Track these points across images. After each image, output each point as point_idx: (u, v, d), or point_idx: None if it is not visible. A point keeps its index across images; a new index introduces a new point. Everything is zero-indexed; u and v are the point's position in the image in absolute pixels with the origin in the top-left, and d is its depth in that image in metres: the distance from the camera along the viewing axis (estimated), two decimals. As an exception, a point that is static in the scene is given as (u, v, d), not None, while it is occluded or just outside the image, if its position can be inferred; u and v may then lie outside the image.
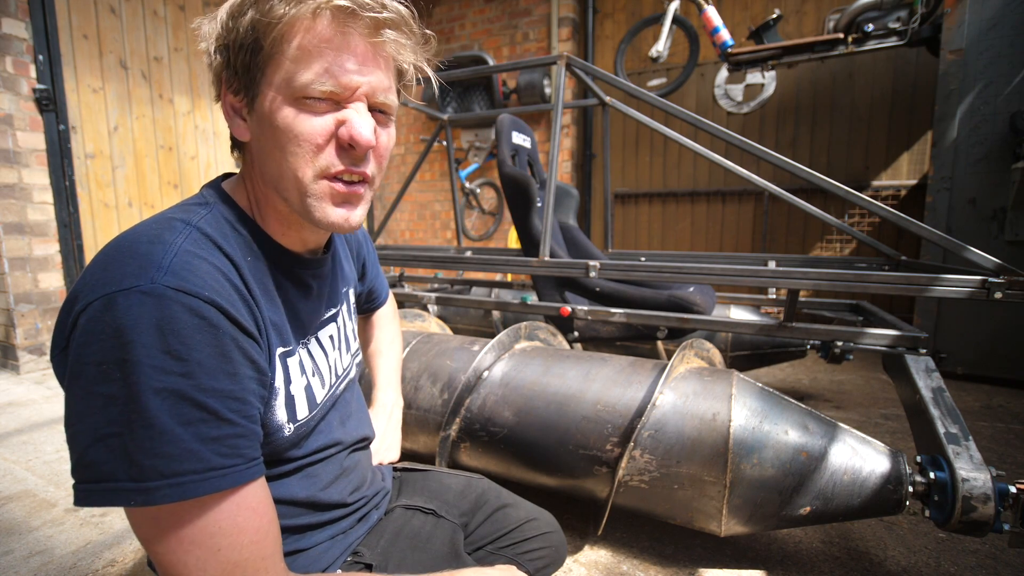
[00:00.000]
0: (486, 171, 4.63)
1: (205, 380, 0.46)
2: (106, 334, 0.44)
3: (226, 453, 0.46)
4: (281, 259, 0.61)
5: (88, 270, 0.48)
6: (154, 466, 0.43)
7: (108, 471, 0.43)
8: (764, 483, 1.05)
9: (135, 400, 0.43)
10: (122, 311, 0.44)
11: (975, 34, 2.42)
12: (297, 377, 0.61)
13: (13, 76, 2.70)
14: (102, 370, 0.44)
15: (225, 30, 0.53)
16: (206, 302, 0.47)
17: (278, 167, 0.54)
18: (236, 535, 0.46)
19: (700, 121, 1.60)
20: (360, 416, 0.79)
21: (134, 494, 0.43)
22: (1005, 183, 2.39)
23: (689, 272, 1.46)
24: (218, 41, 0.53)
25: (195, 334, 0.46)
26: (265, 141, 0.54)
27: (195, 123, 3.66)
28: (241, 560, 0.46)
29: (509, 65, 1.85)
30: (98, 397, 0.44)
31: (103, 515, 1.48)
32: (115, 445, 0.43)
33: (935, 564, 1.25)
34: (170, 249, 0.48)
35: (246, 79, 0.53)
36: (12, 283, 2.74)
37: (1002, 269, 1.20)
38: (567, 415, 1.20)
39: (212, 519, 0.45)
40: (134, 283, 0.45)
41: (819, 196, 3.51)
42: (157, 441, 0.43)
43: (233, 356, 0.49)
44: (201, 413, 0.45)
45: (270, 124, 0.53)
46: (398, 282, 2.72)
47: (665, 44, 3.19)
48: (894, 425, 2.09)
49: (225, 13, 0.53)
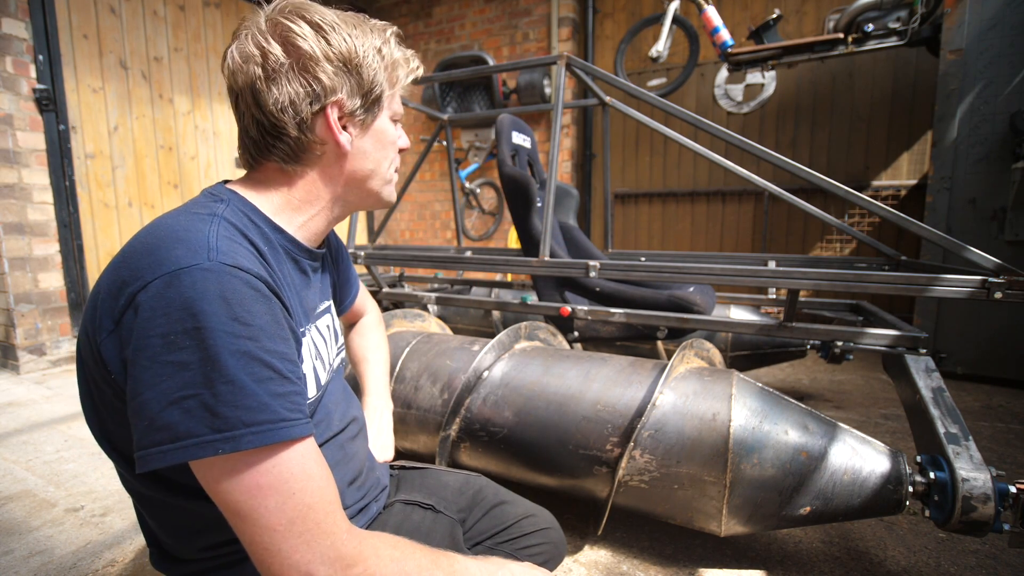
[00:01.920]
0: (486, 171, 4.63)
1: (268, 343, 0.51)
2: (173, 308, 0.48)
3: (291, 408, 0.52)
4: (291, 248, 0.66)
5: (128, 259, 0.52)
6: (238, 416, 0.48)
7: (186, 430, 0.47)
8: (764, 483, 1.05)
9: (214, 361, 0.48)
10: (187, 286, 0.48)
11: (975, 34, 2.42)
12: (307, 358, 0.66)
13: (13, 76, 2.70)
14: (169, 340, 0.48)
15: (351, 64, 0.64)
16: (256, 277, 0.53)
17: (378, 166, 0.71)
18: (307, 480, 0.51)
19: (700, 121, 1.60)
20: (349, 400, 0.82)
21: (221, 443, 0.47)
22: (1005, 183, 2.39)
23: (689, 272, 1.46)
24: (336, 64, 0.63)
25: (254, 303, 0.51)
26: (374, 149, 0.70)
27: (195, 123, 3.66)
28: (313, 503, 0.51)
29: (509, 65, 1.85)
30: (167, 365, 0.48)
31: (103, 515, 1.48)
32: (192, 406, 0.47)
33: (935, 564, 1.25)
34: (211, 234, 0.53)
35: (370, 103, 0.67)
36: (12, 283, 2.74)
37: (1002, 269, 1.20)
38: (567, 415, 1.20)
39: (286, 466, 0.50)
40: (192, 261, 0.50)
41: (819, 196, 3.51)
42: (239, 395, 0.48)
43: (282, 323, 0.55)
44: (268, 372, 0.51)
45: (383, 137, 0.71)
46: (398, 282, 2.72)
47: (665, 44, 3.19)
48: (894, 425, 2.09)
49: (347, 44, 0.64)
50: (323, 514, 0.51)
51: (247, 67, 0.61)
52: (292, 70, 0.61)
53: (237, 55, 0.62)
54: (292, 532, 0.49)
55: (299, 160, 0.65)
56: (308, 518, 0.50)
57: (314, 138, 0.64)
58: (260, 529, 0.49)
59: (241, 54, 0.61)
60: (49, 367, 2.92)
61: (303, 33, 0.61)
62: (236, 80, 0.62)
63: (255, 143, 0.65)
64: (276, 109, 0.61)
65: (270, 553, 0.49)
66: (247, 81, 0.61)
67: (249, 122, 0.63)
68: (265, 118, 0.62)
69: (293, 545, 0.49)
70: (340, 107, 0.65)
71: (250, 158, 0.66)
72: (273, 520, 0.49)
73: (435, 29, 4.74)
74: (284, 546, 0.49)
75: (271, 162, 0.65)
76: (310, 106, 0.63)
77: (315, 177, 0.67)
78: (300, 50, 0.61)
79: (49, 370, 2.90)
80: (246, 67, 0.61)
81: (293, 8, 0.63)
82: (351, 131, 0.67)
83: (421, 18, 4.80)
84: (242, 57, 0.61)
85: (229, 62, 0.62)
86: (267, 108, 0.61)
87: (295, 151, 0.65)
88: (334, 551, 0.51)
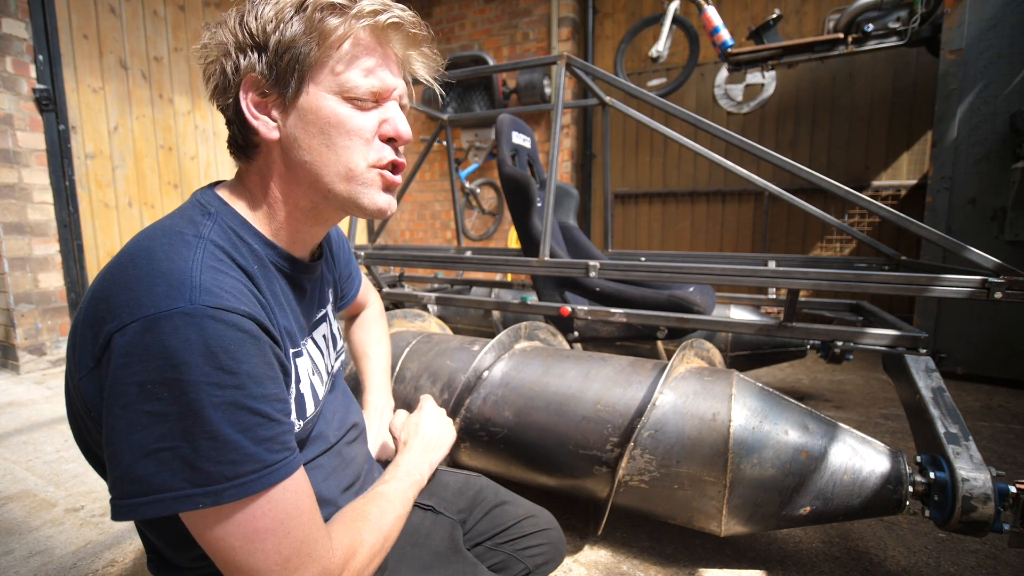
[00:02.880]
0: (486, 171, 4.63)
1: (255, 388, 0.49)
2: (151, 355, 0.45)
3: (277, 449, 0.50)
4: (283, 264, 0.62)
5: (107, 290, 0.49)
6: (219, 471, 0.46)
7: (161, 483, 0.45)
8: (764, 483, 1.05)
9: (195, 415, 0.45)
10: (167, 333, 0.45)
11: (975, 34, 2.42)
12: (304, 376, 0.64)
13: (13, 76, 2.70)
14: (146, 390, 0.45)
15: (261, 35, 0.55)
16: (244, 316, 0.49)
17: (321, 160, 0.57)
18: (299, 516, 0.51)
19: (700, 121, 1.60)
20: (348, 405, 0.81)
21: (200, 498, 0.46)
22: (1005, 183, 2.39)
23: (689, 272, 1.46)
24: (245, 43, 0.55)
25: (240, 348, 0.48)
26: (306, 136, 0.57)
27: (195, 123, 3.66)
28: (307, 536, 0.51)
29: (509, 65, 1.85)
30: (142, 415, 0.45)
31: (103, 515, 1.48)
32: (167, 458, 0.45)
33: (935, 564, 1.25)
34: (193, 266, 0.49)
35: (284, 79, 0.55)
36: (12, 283, 2.74)
37: (1002, 269, 1.20)
38: (567, 415, 1.20)
39: (279, 507, 0.49)
40: (173, 305, 0.46)
41: (819, 196, 3.51)
42: (221, 450, 0.46)
43: (272, 362, 0.52)
44: (256, 418, 0.48)
45: (316, 119, 0.56)
46: (398, 282, 2.72)
47: (665, 44, 3.19)
48: (894, 425, 2.09)
49: (259, 20, 0.55)
50: (313, 543, 0.51)
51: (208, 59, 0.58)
52: (218, 57, 0.56)
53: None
54: (287, 569, 0.49)
55: (249, 156, 0.60)
56: (302, 552, 0.50)
57: (247, 129, 0.58)
58: (256, 573, 0.48)
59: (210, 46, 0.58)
60: (49, 367, 2.92)
61: (228, 16, 0.56)
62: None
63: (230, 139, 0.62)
64: (217, 87, 0.58)
65: None
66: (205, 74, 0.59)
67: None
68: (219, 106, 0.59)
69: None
70: (254, 85, 0.56)
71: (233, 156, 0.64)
72: (270, 562, 0.48)
73: (435, 29, 4.74)
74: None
75: (238, 161, 0.63)
76: (226, 91, 0.57)
77: (267, 176, 0.60)
78: (220, 34, 0.56)
79: (49, 370, 2.90)
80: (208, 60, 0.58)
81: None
82: (273, 114, 0.57)
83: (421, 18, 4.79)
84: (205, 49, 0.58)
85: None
86: (213, 89, 0.58)
87: (242, 146, 0.60)
88: (325, 572, 0.51)
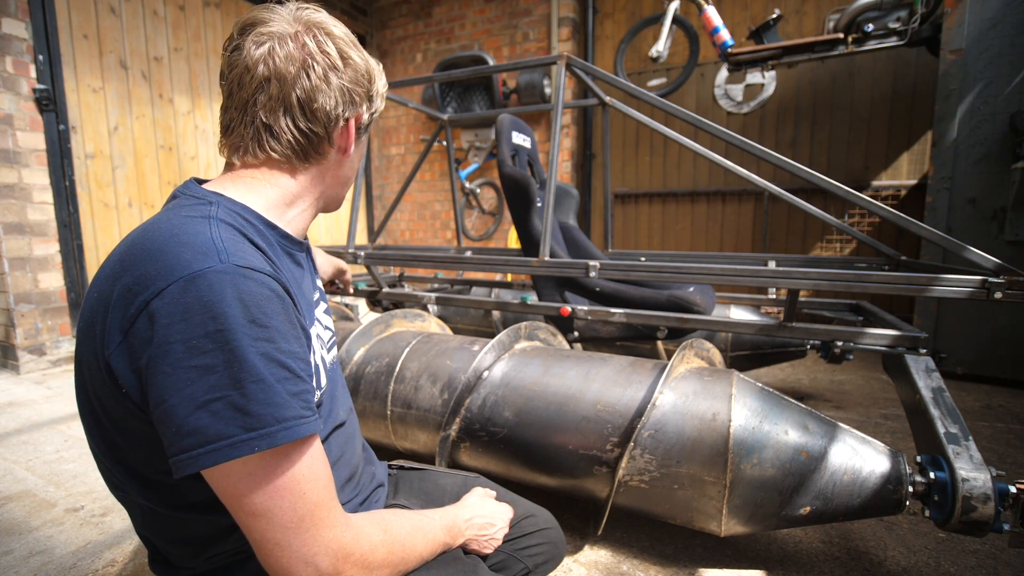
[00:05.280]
0: (486, 171, 4.63)
1: (283, 343, 0.53)
2: (192, 312, 0.48)
3: (304, 405, 0.53)
4: (285, 244, 0.68)
5: (126, 268, 0.52)
6: (270, 413, 0.50)
7: (216, 432, 0.48)
8: (764, 483, 1.05)
9: (241, 361, 0.49)
10: (204, 289, 0.49)
11: (975, 34, 2.42)
12: (317, 348, 0.68)
13: (13, 76, 2.70)
14: (191, 345, 0.48)
15: (372, 87, 0.71)
16: (270, 276, 0.54)
17: (351, 173, 0.75)
18: (315, 479, 0.54)
19: (700, 121, 1.60)
20: (344, 391, 0.84)
21: (256, 440, 0.49)
22: (1005, 183, 2.38)
23: (689, 272, 1.46)
24: (367, 87, 0.70)
25: (269, 304, 0.52)
26: (356, 158, 0.74)
27: (195, 123, 3.66)
28: (320, 501, 0.54)
29: (509, 65, 1.85)
30: (190, 370, 0.48)
31: (103, 515, 1.48)
32: (219, 408, 0.48)
33: (935, 564, 1.25)
34: (214, 235, 0.53)
35: (369, 122, 0.73)
36: (12, 283, 2.74)
37: (1002, 269, 1.20)
38: (567, 415, 1.20)
39: (297, 467, 0.52)
40: (205, 264, 0.50)
41: (819, 196, 3.51)
42: (269, 392, 0.50)
43: (295, 322, 0.56)
44: (285, 372, 0.52)
45: (359, 155, 0.75)
46: (398, 282, 2.72)
47: (665, 44, 3.19)
48: (894, 425, 2.09)
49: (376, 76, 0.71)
50: (327, 510, 0.54)
51: (294, 66, 0.61)
52: (342, 77, 0.65)
53: (282, 53, 0.61)
54: (302, 527, 0.52)
55: (308, 158, 0.68)
56: (315, 514, 0.53)
57: (331, 141, 0.68)
58: (274, 527, 0.51)
59: (287, 55, 0.61)
60: (49, 367, 2.92)
61: (347, 44, 0.66)
62: (271, 75, 0.61)
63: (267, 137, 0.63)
64: (321, 109, 0.64)
65: (280, 547, 0.51)
66: (292, 79, 0.61)
67: (270, 116, 0.62)
68: (303, 116, 0.64)
69: (302, 540, 0.52)
70: (358, 119, 0.70)
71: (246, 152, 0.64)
72: (287, 518, 0.51)
73: (435, 29, 4.74)
74: (295, 541, 0.51)
75: (273, 156, 0.64)
76: (343, 113, 0.67)
77: (315, 175, 0.70)
78: (350, 60, 0.66)
79: (49, 370, 2.90)
80: (291, 66, 0.61)
81: (319, 19, 0.66)
82: (351, 141, 0.72)
83: (421, 18, 4.80)
84: (288, 57, 0.61)
85: (268, 58, 0.61)
86: (313, 107, 0.64)
87: (309, 150, 0.67)
88: (336, 543, 0.54)
